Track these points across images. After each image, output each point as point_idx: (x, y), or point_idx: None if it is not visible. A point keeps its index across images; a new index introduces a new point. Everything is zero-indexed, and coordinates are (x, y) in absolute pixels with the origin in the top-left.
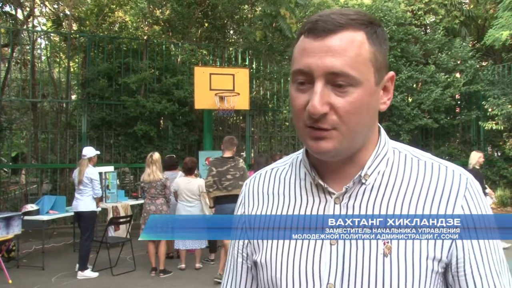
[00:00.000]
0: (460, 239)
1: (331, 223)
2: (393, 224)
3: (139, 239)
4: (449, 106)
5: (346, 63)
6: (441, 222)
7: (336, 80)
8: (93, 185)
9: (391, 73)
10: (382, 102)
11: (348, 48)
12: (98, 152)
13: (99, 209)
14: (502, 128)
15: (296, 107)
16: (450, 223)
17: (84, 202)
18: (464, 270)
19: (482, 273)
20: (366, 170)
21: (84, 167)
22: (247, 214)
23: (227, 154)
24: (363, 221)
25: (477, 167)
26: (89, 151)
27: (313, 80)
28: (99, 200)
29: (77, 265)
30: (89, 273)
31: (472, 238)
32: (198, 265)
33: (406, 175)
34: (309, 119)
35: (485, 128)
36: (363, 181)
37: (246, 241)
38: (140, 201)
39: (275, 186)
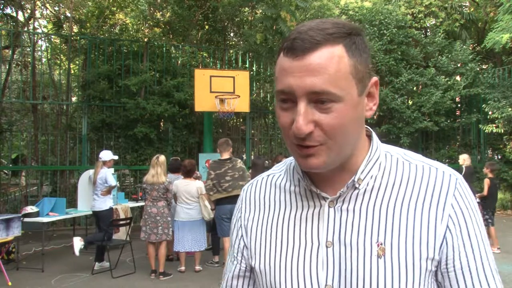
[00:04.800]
0: (450, 237)
1: (326, 226)
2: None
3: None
4: (449, 109)
5: (326, 81)
6: (432, 221)
7: (318, 98)
8: (107, 181)
9: (374, 78)
10: (367, 108)
11: (327, 65)
12: (116, 157)
13: (113, 204)
14: (502, 131)
15: (283, 125)
16: (441, 222)
17: (99, 202)
18: (454, 266)
19: (473, 270)
20: (359, 175)
21: (98, 169)
22: (243, 220)
23: (225, 155)
24: (357, 224)
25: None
26: (105, 155)
27: (295, 99)
28: (107, 191)
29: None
30: (105, 263)
31: (464, 236)
32: (198, 267)
33: (397, 178)
34: (296, 138)
35: (485, 131)
36: (357, 185)
37: (242, 245)
38: (140, 203)
39: (271, 193)
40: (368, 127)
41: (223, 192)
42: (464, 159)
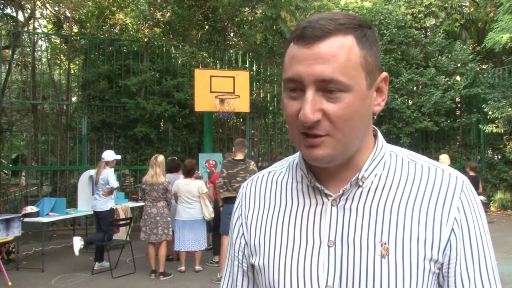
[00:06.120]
0: (454, 240)
1: (328, 225)
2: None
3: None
4: (449, 109)
5: (335, 69)
6: (437, 223)
7: (327, 87)
8: (109, 183)
9: (384, 73)
10: (376, 103)
11: (338, 54)
12: (118, 157)
13: (114, 205)
14: (502, 131)
15: (289, 114)
16: (446, 224)
17: (100, 202)
18: (454, 271)
19: (471, 275)
20: (363, 172)
21: (101, 169)
22: (244, 217)
23: (239, 156)
24: (360, 223)
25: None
26: (107, 155)
27: (304, 88)
28: (109, 191)
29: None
30: (105, 264)
31: (465, 240)
32: (198, 267)
33: (403, 178)
34: (302, 126)
35: (485, 131)
36: (360, 183)
37: (243, 244)
38: (140, 203)
39: (272, 190)
40: (374, 126)
41: (233, 192)
42: (443, 159)
